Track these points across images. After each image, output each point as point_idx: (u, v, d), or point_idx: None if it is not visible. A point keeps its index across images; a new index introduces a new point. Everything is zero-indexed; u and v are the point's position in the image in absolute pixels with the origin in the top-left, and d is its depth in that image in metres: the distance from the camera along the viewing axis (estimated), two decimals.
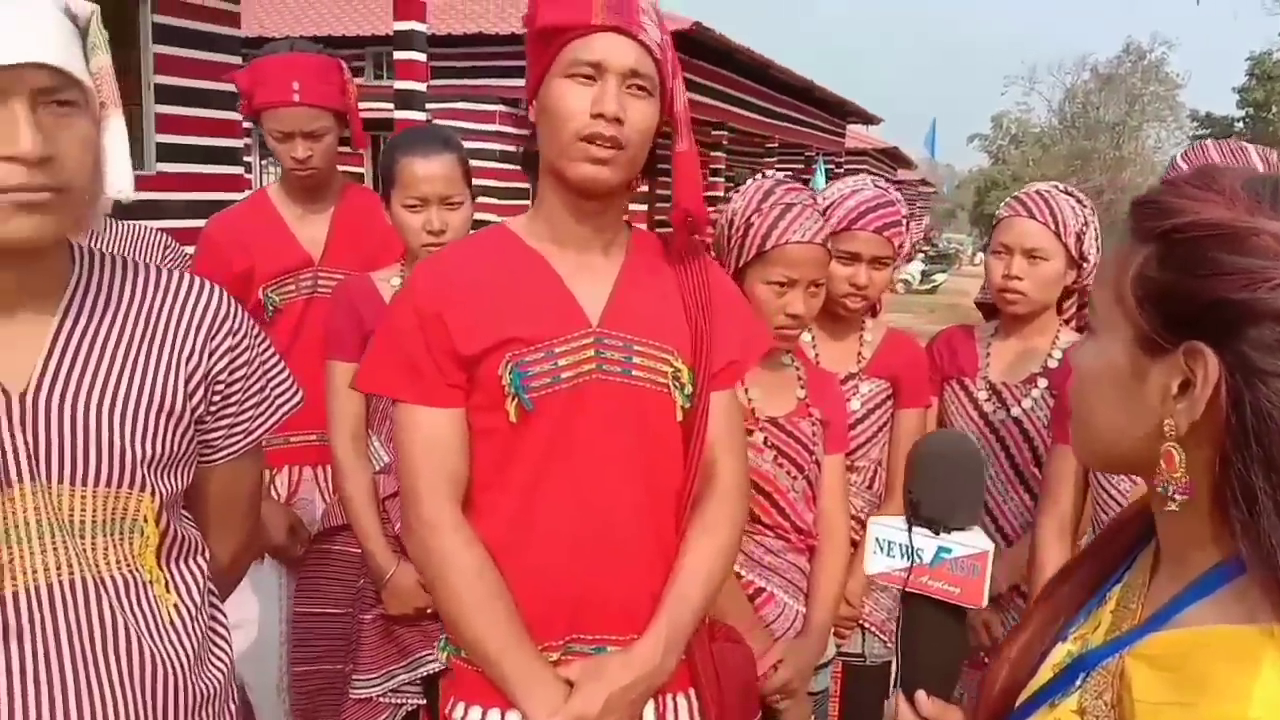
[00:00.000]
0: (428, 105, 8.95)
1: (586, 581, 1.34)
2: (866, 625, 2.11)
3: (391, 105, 8.60)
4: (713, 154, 16.13)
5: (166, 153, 8.84)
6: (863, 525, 2.04)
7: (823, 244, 1.78)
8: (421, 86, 8.56)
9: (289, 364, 1.50)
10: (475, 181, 2.07)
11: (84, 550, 1.02)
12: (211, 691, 1.14)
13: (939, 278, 23.68)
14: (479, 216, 2.11)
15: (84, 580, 1.02)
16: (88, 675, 1.01)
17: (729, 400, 1.45)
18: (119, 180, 1.00)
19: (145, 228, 2.17)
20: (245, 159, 9.97)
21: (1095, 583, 0.88)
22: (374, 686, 2.01)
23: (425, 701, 2.06)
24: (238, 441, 1.17)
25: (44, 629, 0.99)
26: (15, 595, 0.98)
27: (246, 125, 10.13)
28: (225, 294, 1.16)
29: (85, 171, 0.97)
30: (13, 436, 0.98)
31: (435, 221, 1.94)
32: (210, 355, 1.11)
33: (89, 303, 1.05)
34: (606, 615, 1.36)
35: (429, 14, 8.88)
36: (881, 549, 1.02)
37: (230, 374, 1.13)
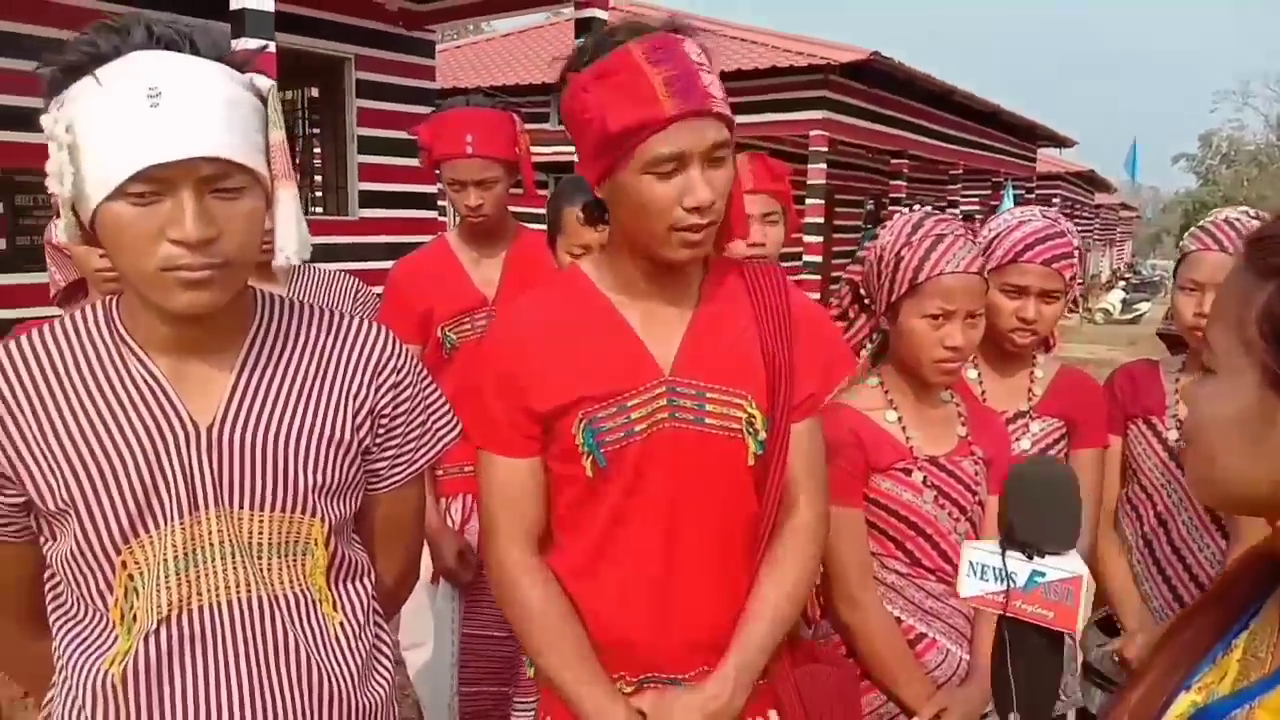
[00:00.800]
0: None
1: (660, 620, 1.37)
2: None
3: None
4: (892, 183, 15.80)
5: (368, 199, 9.52)
6: None
7: (978, 273, 1.73)
8: None
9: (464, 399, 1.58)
10: None
11: (260, 570, 1.13)
12: (372, 705, 1.22)
13: (1142, 307, 22.19)
14: None
15: (260, 597, 1.12)
16: (261, 685, 1.11)
17: (809, 430, 1.44)
18: (287, 246, 1.10)
19: (338, 273, 2.37)
20: (439, 203, 10.58)
21: (1220, 629, 0.83)
22: (531, 711, 2.09)
23: None
24: (401, 471, 1.26)
25: (224, 640, 1.10)
26: (200, 609, 1.10)
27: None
28: (391, 335, 1.26)
29: (248, 246, 1.06)
30: (200, 466, 1.10)
31: None
32: (376, 391, 1.21)
33: (268, 345, 1.17)
34: (679, 653, 1.38)
35: None
36: (975, 573, 1.02)
37: (394, 409, 1.22)
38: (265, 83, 1.10)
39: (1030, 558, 1.03)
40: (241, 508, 1.12)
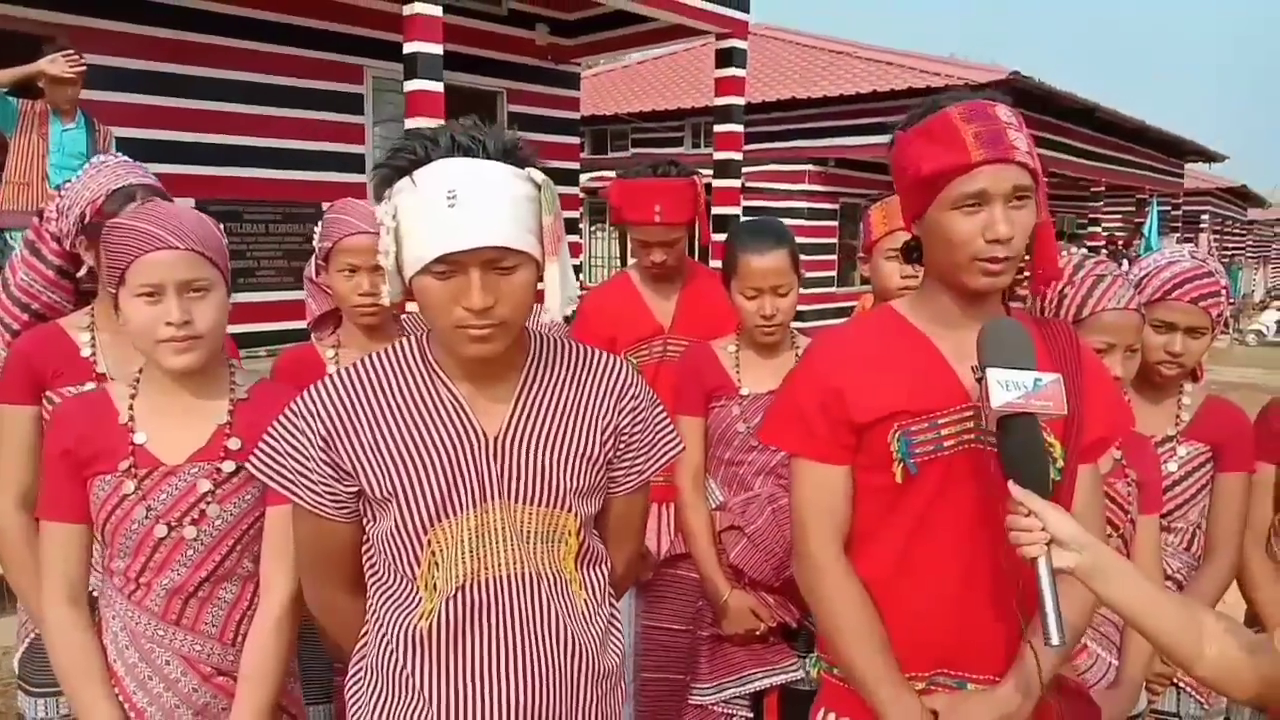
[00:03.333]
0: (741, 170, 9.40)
1: (954, 626, 1.50)
2: (1181, 683, 2.13)
3: (710, 172, 9.17)
4: None
5: None
6: (1179, 587, 2.12)
7: (1136, 309, 1.89)
8: (738, 156, 8.99)
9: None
10: None
11: (529, 552, 1.41)
12: (610, 668, 1.50)
13: None
14: None
15: (529, 574, 1.41)
16: (530, 642, 1.39)
17: (1092, 475, 1.56)
18: (552, 308, 1.38)
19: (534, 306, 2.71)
20: (579, 226, 10.98)
21: None
22: (708, 695, 2.34)
23: (752, 715, 2.37)
24: (633, 479, 1.54)
25: (504, 606, 1.39)
26: (487, 580, 1.39)
27: (580, 196, 11.23)
28: (630, 367, 1.53)
29: (520, 309, 1.32)
30: (489, 468, 1.40)
31: (767, 308, 2.27)
32: (619, 414, 1.49)
33: (540, 374, 1.46)
34: (970, 656, 1.52)
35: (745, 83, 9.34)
36: (1003, 387, 1.33)
37: (631, 428, 1.50)
38: (540, 176, 1.32)
39: (1026, 371, 1.36)
40: (517, 502, 1.41)
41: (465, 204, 1.25)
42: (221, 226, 1.75)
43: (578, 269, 9.49)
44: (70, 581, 1.62)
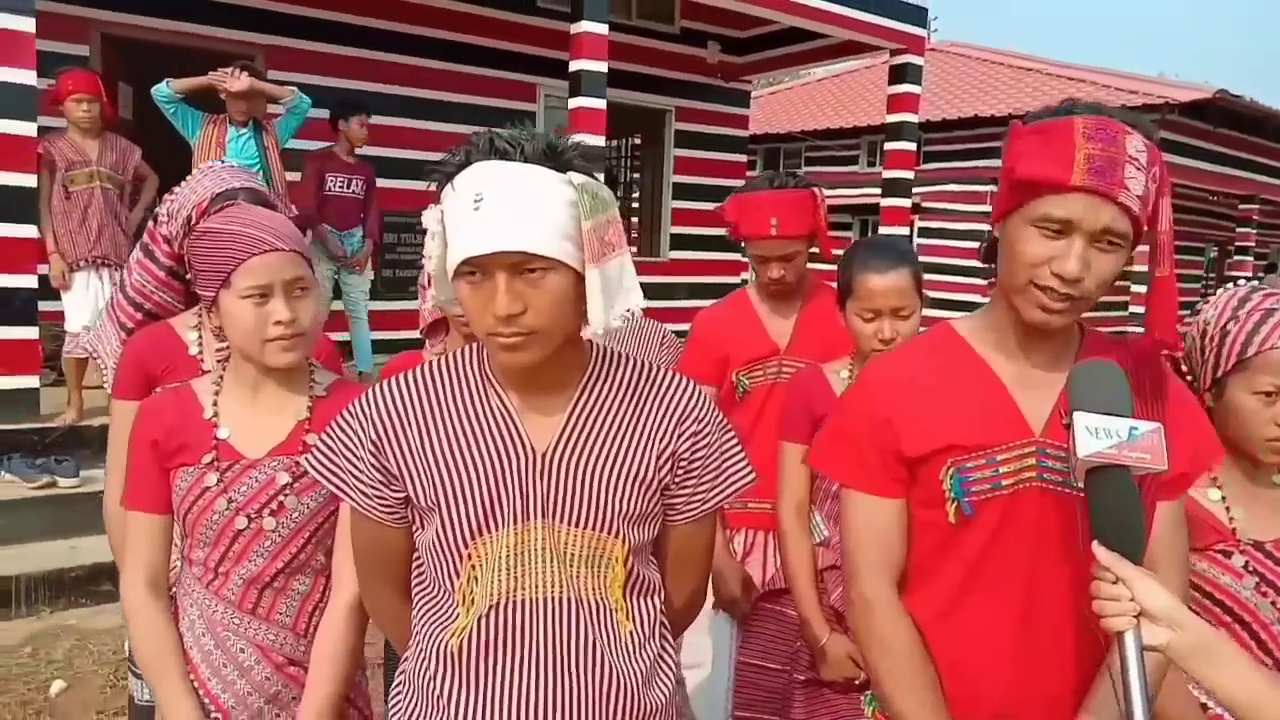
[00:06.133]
0: (914, 189, 9.10)
1: (1012, 678, 1.39)
2: None
3: (880, 191, 8.92)
4: (1239, 230, 14.23)
5: (678, 242, 10.07)
6: None
7: None
8: (908, 174, 8.75)
9: (753, 439, 1.64)
10: (963, 262, 2.16)
11: (571, 575, 1.34)
12: (655, 706, 1.41)
13: None
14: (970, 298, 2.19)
15: (569, 599, 1.34)
16: (565, 670, 1.32)
17: (1174, 512, 1.43)
18: (594, 321, 1.29)
19: (651, 323, 2.65)
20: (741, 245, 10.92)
21: None
22: None
23: None
24: (695, 508, 1.44)
25: (540, 629, 1.33)
26: (523, 601, 1.33)
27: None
28: (696, 388, 1.44)
29: (556, 317, 1.24)
30: (534, 485, 1.34)
31: (886, 331, 2.12)
32: (679, 438, 1.40)
33: (597, 389, 1.40)
34: (1029, 708, 1.40)
35: (923, 101, 9.07)
36: (1092, 434, 1.18)
37: (693, 453, 1.41)
38: (579, 179, 1.25)
39: (1121, 418, 1.20)
40: (562, 522, 1.34)
41: (489, 207, 1.21)
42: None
43: (690, 288, 9.42)
44: (153, 570, 1.68)
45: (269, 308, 1.61)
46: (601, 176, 1.36)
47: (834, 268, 2.28)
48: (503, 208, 1.21)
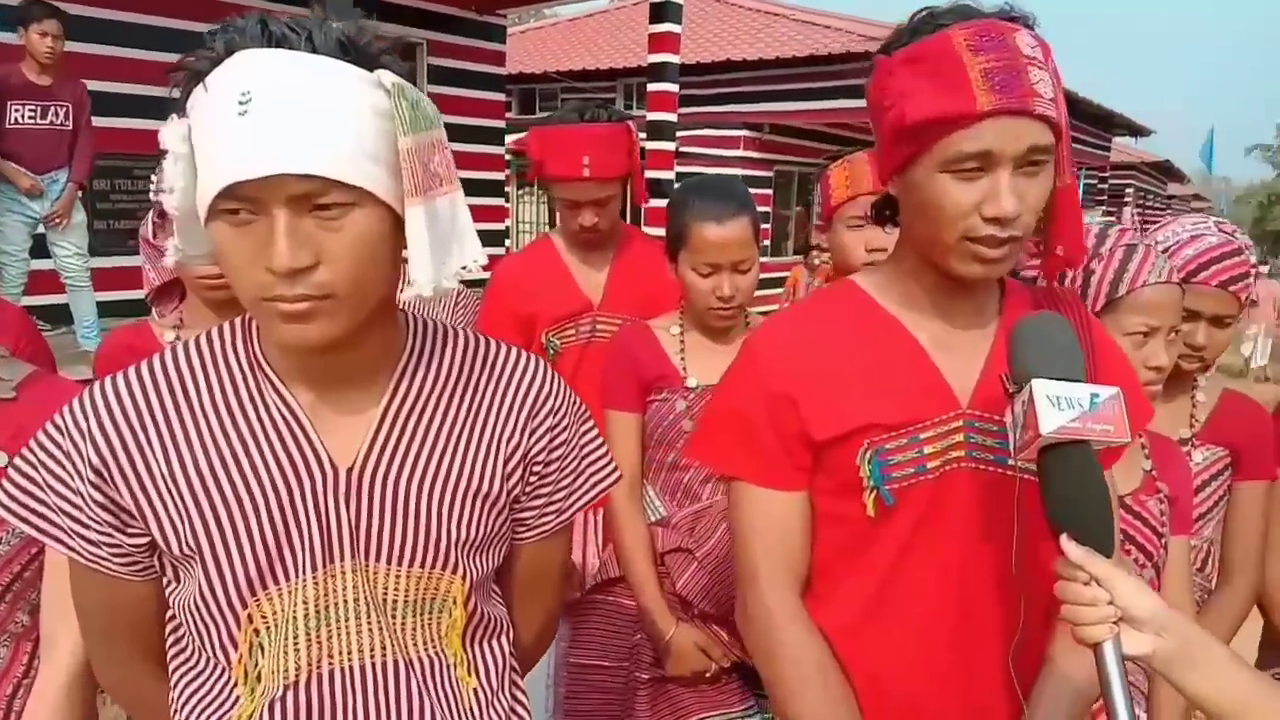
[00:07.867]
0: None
1: (940, 690, 1.21)
2: None
3: (644, 135, 8.77)
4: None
5: None
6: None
7: (1179, 284, 1.56)
8: (672, 117, 8.69)
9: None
10: None
11: (395, 630, 1.01)
12: None
13: None
14: None
15: (394, 661, 1.00)
16: None
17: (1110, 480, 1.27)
18: (419, 280, 0.91)
19: None
20: (506, 190, 10.55)
21: None
22: None
23: None
24: (549, 520, 1.13)
25: (356, 709, 0.98)
26: (331, 673, 0.98)
27: (506, 158, 10.73)
28: (550, 372, 1.12)
29: (359, 275, 0.90)
30: (338, 512, 0.98)
31: (726, 288, 1.86)
32: (530, 435, 1.07)
33: (418, 378, 1.03)
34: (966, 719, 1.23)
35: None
36: (1054, 405, 0.99)
37: (548, 454, 1.09)
38: (391, 78, 0.89)
39: (1078, 383, 1.02)
40: (378, 560, 0.99)
41: (261, 111, 0.83)
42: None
43: (503, 235, 9.01)
44: None
45: None
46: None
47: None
48: (282, 113, 0.83)
